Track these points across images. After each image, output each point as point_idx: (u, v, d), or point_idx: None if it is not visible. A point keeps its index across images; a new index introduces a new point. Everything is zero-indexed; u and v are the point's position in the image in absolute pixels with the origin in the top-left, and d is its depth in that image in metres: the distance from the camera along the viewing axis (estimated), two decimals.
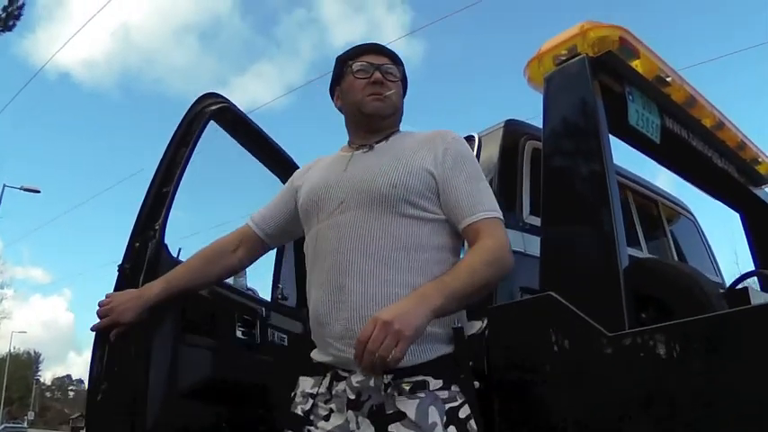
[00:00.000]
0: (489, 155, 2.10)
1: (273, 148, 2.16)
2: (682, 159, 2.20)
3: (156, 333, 1.48)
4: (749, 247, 2.58)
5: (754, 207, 2.55)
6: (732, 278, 2.34)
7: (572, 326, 1.38)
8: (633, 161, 2.50)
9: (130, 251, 1.55)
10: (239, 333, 1.84)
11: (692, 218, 3.11)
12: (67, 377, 62.12)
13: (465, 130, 1.96)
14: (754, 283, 2.36)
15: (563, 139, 1.72)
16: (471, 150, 1.40)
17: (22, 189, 19.15)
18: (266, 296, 2.23)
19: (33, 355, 52.37)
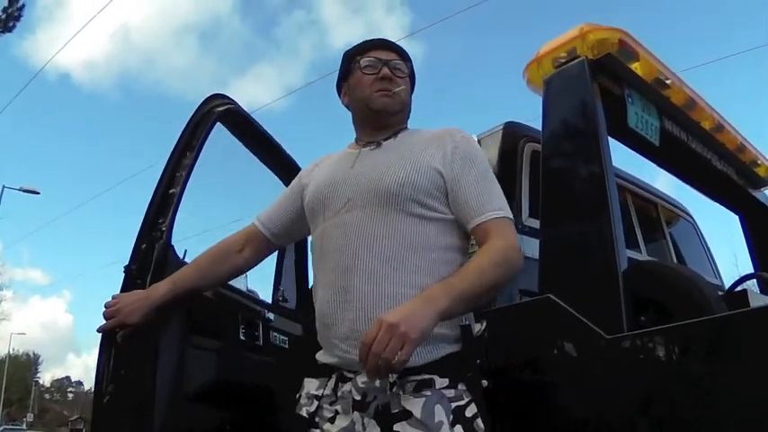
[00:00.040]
0: (488, 157, 2.09)
1: (278, 152, 2.15)
2: (681, 162, 2.20)
3: (163, 334, 1.47)
4: (748, 249, 2.59)
5: (754, 209, 2.56)
6: (731, 280, 2.35)
7: (571, 329, 1.38)
8: (632, 163, 2.51)
9: (137, 252, 1.53)
10: (243, 335, 1.83)
11: (691, 220, 3.11)
12: (66, 379, 62.04)
13: None
14: (753, 285, 2.37)
15: (562, 142, 1.72)
16: (481, 149, 1.37)
17: (21, 190, 19.07)
18: (265, 297, 2.22)
19: (32, 356, 52.24)
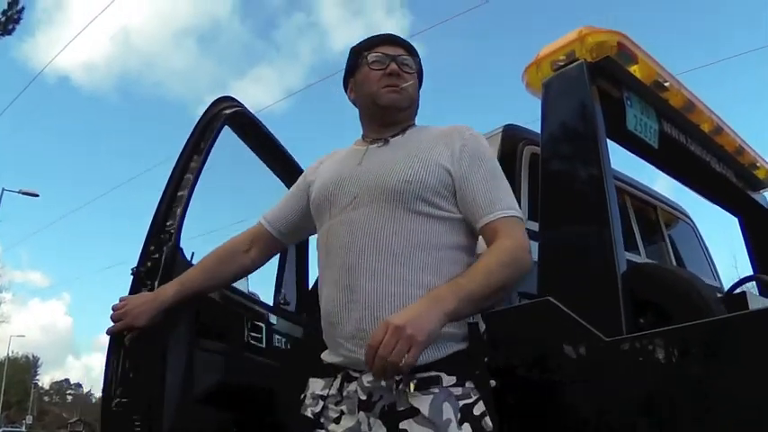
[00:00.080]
0: None
1: (283, 156, 2.16)
2: (680, 164, 2.20)
3: (171, 337, 1.46)
4: (747, 251, 2.59)
5: (753, 211, 2.56)
6: (731, 283, 2.36)
7: (570, 331, 1.38)
8: (631, 166, 2.51)
9: (145, 254, 1.53)
10: (249, 337, 1.82)
11: (690, 222, 3.11)
12: (66, 381, 61.77)
13: None
14: (752, 287, 2.37)
15: (561, 144, 1.72)
16: (489, 147, 1.35)
17: (20, 193, 19.11)
18: (266, 299, 2.22)
19: (32, 359, 52.08)
